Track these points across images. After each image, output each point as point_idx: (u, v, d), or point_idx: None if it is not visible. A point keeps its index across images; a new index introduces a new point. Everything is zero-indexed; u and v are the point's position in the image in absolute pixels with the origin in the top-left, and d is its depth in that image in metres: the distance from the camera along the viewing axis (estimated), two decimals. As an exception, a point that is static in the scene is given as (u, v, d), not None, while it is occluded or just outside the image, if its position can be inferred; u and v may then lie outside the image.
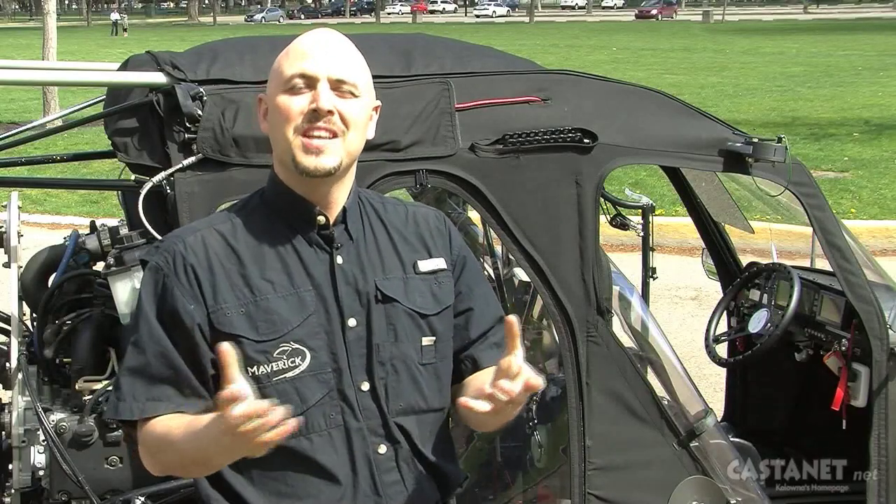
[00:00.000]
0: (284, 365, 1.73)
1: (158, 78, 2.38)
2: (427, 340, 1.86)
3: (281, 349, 1.73)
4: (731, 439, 3.09)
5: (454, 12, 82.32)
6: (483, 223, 3.45)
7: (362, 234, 1.84)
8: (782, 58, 27.93)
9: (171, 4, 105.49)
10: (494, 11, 71.88)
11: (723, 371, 3.93)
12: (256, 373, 1.72)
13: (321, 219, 1.79)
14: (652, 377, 2.82)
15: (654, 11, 63.10)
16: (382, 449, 1.82)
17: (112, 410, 1.75)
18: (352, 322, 1.79)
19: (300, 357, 1.74)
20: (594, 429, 2.65)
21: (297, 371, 1.74)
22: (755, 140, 2.75)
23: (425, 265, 1.88)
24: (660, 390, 2.80)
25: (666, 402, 2.77)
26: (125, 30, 49.84)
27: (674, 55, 30.00)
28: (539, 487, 3.23)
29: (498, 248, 3.75)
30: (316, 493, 1.77)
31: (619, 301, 2.86)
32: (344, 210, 1.81)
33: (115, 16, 53.84)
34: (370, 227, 1.86)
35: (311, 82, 1.74)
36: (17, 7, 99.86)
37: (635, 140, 2.69)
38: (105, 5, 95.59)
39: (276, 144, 1.79)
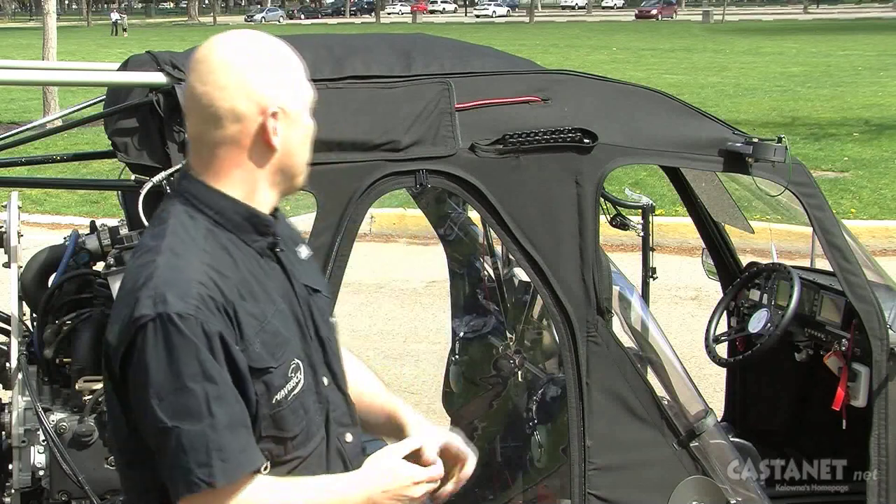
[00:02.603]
0: (293, 383, 1.71)
1: (158, 78, 2.38)
2: (332, 320, 1.94)
3: (290, 368, 1.71)
4: (731, 439, 3.09)
5: (454, 12, 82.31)
6: (483, 223, 3.45)
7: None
8: (782, 58, 27.93)
9: (171, 4, 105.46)
10: (494, 11, 71.89)
11: (723, 371, 3.93)
12: (279, 397, 1.68)
13: (273, 230, 1.78)
14: (652, 377, 2.82)
15: (654, 11, 63.09)
16: (349, 437, 1.85)
17: (222, 476, 1.55)
18: (309, 321, 1.81)
19: (299, 371, 1.72)
20: (594, 429, 2.65)
21: (300, 385, 1.72)
22: (755, 140, 2.75)
23: (304, 251, 1.92)
24: (660, 390, 2.80)
25: (666, 402, 2.77)
26: (125, 30, 49.85)
27: (674, 55, 30.00)
28: (539, 487, 3.23)
29: (498, 248, 3.75)
30: None
31: (619, 301, 2.86)
32: (274, 216, 1.81)
33: (114, 16, 53.83)
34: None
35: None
36: (17, 7, 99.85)
37: (635, 140, 2.69)
38: (105, 5, 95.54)
39: (298, 164, 1.77)
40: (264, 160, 1.72)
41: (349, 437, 1.85)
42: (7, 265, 2.70)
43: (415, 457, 1.82)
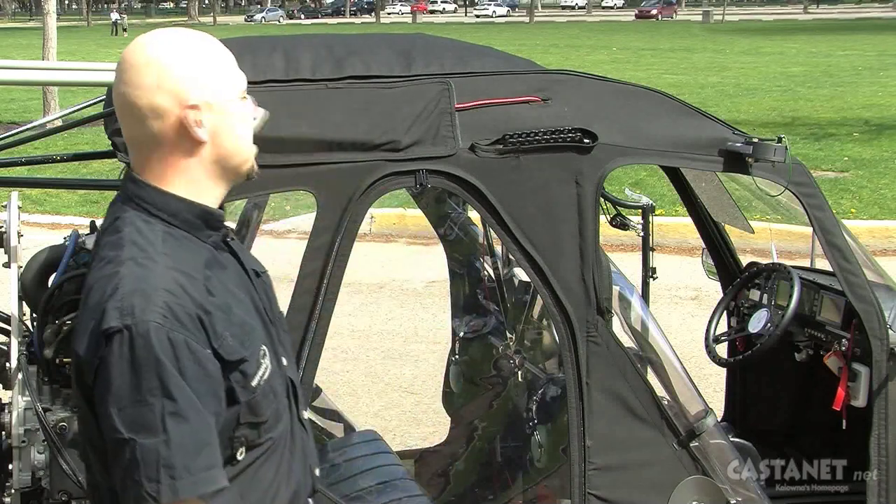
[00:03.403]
0: (263, 368, 1.74)
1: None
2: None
3: (259, 354, 1.74)
4: (731, 439, 3.09)
5: (454, 12, 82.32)
6: (483, 223, 3.45)
7: None
8: (782, 58, 27.93)
9: (171, 4, 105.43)
10: (494, 11, 71.90)
11: (723, 371, 3.93)
12: (253, 384, 1.71)
13: (224, 223, 1.82)
14: (652, 377, 2.82)
15: (654, 11, 63.11)
16: (305, 414, 1.93)
17: (168, 493, 1.56)
18: (264, 305, 1.86)
19: (266, 356, 1.76)
20: (594, 429, 2.65)
21: (269, 370, 1.76)
22: (755, 140, 2.75)
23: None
24: (660, 390, 2.80)
25: (666, 402, 2.77)
26: (125, 30, 49.87)
27: (674, 55, 30.01)
28: (539, 487, 3.23)
29: (498, 248, 3.75)
30: (282, 483, 1.81)
31: (619, 301, 2.86)
32: (222, 206, 1.84)
33: (114, 16, 53.88)
34: None
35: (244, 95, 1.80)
36: (17, 7, 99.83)
37: (635, 140, 2.69)
38: (105, 5, 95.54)
39: (238, 152, 1.77)
40: (195, 154, 1.73)
41: (304, 415, 1.93)
42: (7, 265, 2.70)
43: None
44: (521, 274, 3.58)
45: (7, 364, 2.65)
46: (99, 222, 2.89)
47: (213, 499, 1.62)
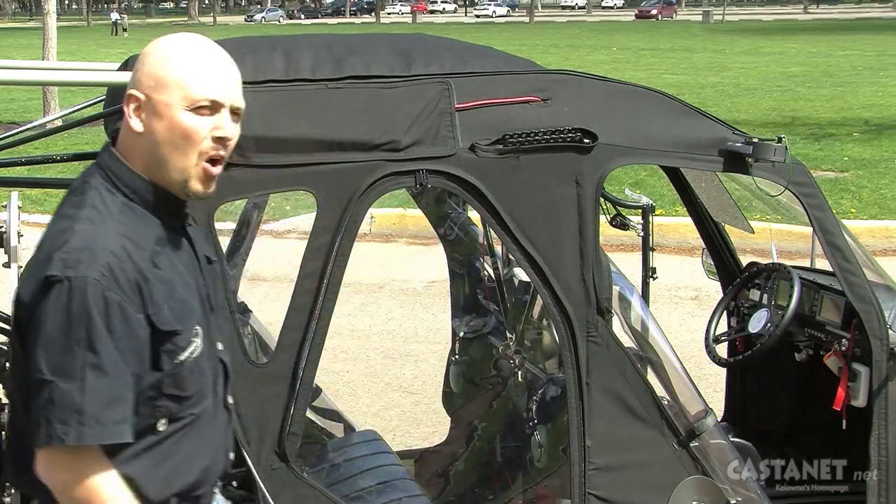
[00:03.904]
0: (194, 346, 1.85)
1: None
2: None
3: (192, 333, 1.86)
4: (731, 439, 3.09)
5: (454, 12, 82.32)
6: (483, 223, 3.45)
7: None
8: (782, 58, 27.93)
9: (171, 4, 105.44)
10: (494, 11, 71.89)
11: (723, 371, 3.93)
12: (182, 358, 1.83)
13: (184, 209, 1.92)
14: (652, 377, 2.82)
15: (654, 11, 63.11)
16: (230, 399, 2.05)
17: (74, 437, 1.69)
18: (208, 290, 1.97)
19: (199, 336, 1.87)
20: (594, 429, 2.65)
21: (199, 350, 1.87)
22: (755, 140, 2.75)
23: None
24: (660, 390, 2.80)
25: (666, 402, 2.77)
26: (125, 30, 49.88)
27: (674, 55, 30.01)
28: (539, 487, 3.23)
29: (498, 248, 3.75)
30: (199, 458, 1.92)
31: (619, 301, 2.86)
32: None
33: (114, 16, 53.87)
34: None
35: (216, 107, 1.83)
36: (17, 7, 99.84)
37: (635, 140, 2.69)
38: (105, 5, 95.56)
39: (166, 159, 1.83)
40: (139, 141, 1.85)
41: (230, 399, 2.04)
42: (7, 265, 2.70)
43: None
44: (521, 274, 3.58)
45: (7, 364, 2.64)
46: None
47: (129, 462, 1.78)
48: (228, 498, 2.31)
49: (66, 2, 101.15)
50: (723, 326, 3.63)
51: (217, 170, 1.88)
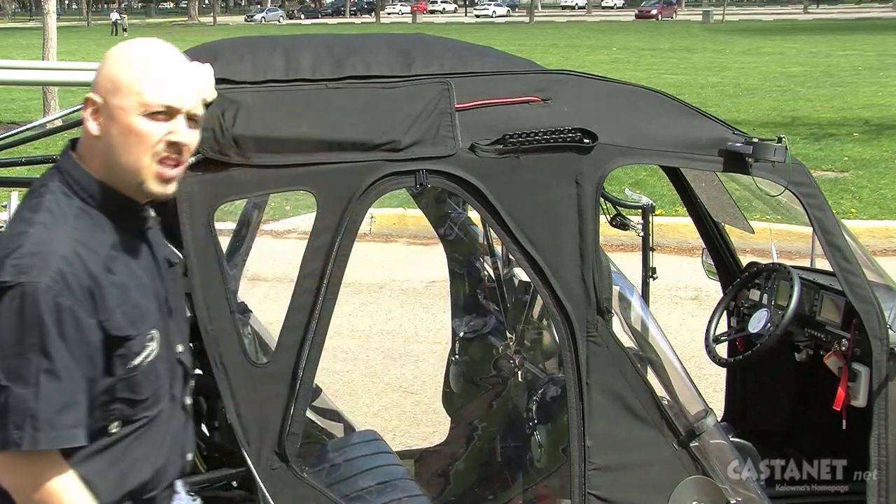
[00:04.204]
0: (149, 350, 1.87)
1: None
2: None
3: (147, 337, 1.87)
4: (731, 439, 3.09)
5: (454, 12, 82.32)
6: (483, 223, 3.45)
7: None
8: (782, 58, 27.93)
9: (171, 4, 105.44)
10: (494, 11, 71.89)
11: (723, 371, 3.93)
12: (135, 363, 1.85)
13: (143, 214, 1.93)
14: (652, 377, 2.81)
15: (654, 11, 63.11)
16: (188, 401, 2.07)
17: (30, 441, 1.71)
18: (167, 294, 1.98)
19: (154, 340, 1.89)
20: (594, 429, 2.65)
21: (154, 354, 1.89)
22: (755, 140, 2.75)
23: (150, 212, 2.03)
24: (660, 390, 2.80)
25: (666, 402, 2.77)
26: (125, 30, 49.88)
27: (674, 55, 30.01)
28: (539, 487, 3.23)
29: (498, 248, 3.75)
30: (153, 459, 1.94)
31: (619, 301, 2.86)
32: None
33: (114, 16, 53.91)
34: None
35: (171, 113, 1.84)
36: (17, 7, 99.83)
37: (635, 140, 2.69)
38: (105, 5, 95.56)
39: (121, 161, 1.84)
40: (97, 144, 1.86)
41: (188, 401, 2.07)
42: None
43: None
44: (521, 274, 3.58)
45: None
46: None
47: (82, 464, 1.80)
48: (212, 497, 2.33)
49: (66, 2, 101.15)
50: (723, 326, 3.63)
51: (174, 172, 1.88)
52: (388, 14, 77.57)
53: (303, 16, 78.82)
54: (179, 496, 2.11)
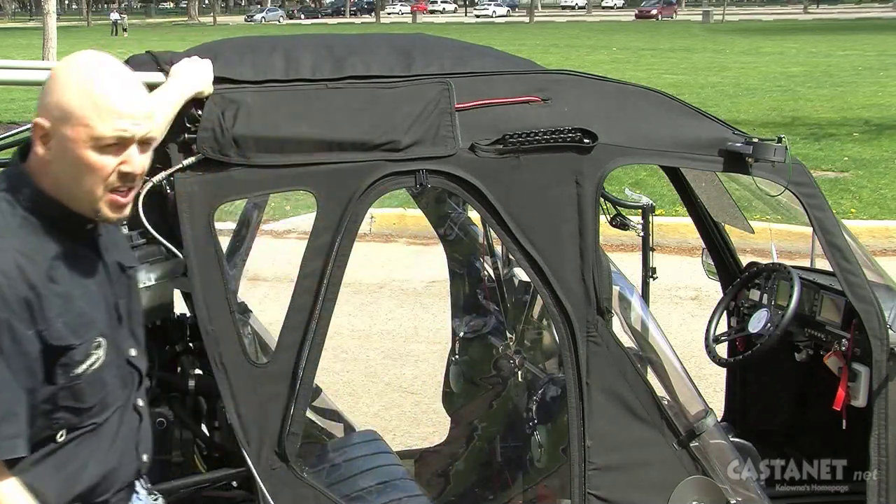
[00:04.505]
0: (94, 359, 1.85)
1: (158, 78, 2.38)
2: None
3: (93, 345, 1.85)
4: (731, 439, 3.09)
5: (454, 12, 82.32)
6: (483, 223, 3.45)
7: None
8: (782, 58, 27.92)
9: (171, 4, 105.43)
10: (494, 11, 71.89)
11: (723, 371, 3.93)
12: (78, 371, 1.82)
13: (90, 224, 1.88)
14: (652, 377, 2.82)
15: (654, 11, 63.11)
16: (140, 402, 2.04)
17: None
18: (120, 300, 1.95)
19: (101, 348, 1.87)
20: (594, 429, 2.65)
21: (100, 361, 1.87)
22: (755, 140, 2.75)
23: None
24: (660, 390, 2.80)
25: (666, 402, 2.77)
26: (125, 30, 49.88)
27: (674, 55, 30.00)
28: (539, 487, 3.23)
29: (498, 248, 3.75)
30: (103, 462, 1.92)
31: (619, 301, 2.86)
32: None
33: (114, 16, 53.88)
34: None
35: (124, 143, 1.80)
36: (17, 7, 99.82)
37: (635, 140, 2.69)
38: (105, 5, 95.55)
39: (72, 189, 1.81)
40: (44, 165, 1.81)
41: (140, 402, 2.04)
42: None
43: None
44: (521, 274, 3.58)
45: None
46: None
47: (27, 471, 1.79)
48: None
49: (66, 2, 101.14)
50: (723, 326, 3.63)
51: (127, 199, 1.84)
52: (388, 14, 77.56)
53: (303, 16, 78.81)
54: (139, 496, 2.09)
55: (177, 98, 2.29)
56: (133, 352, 2.00)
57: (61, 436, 1.85)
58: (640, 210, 3.59)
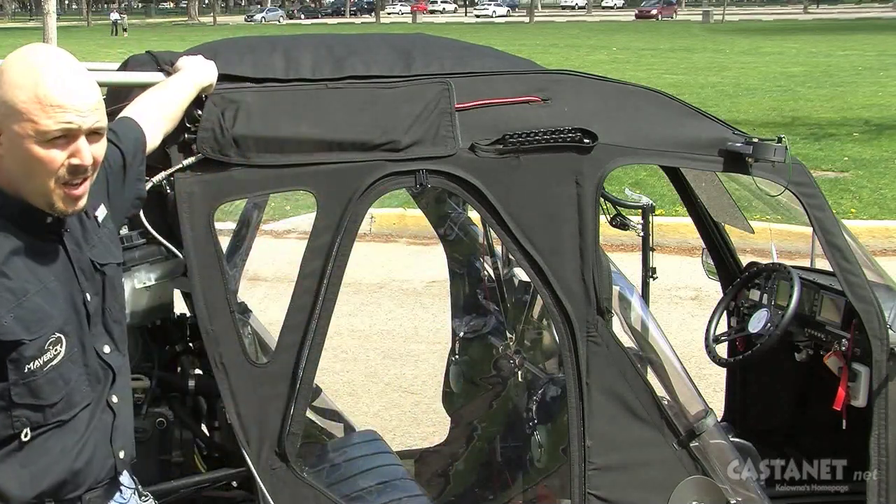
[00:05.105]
0: (51, 355, 1.83)
1: (158, 78, 2.38)
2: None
3: (49, 341, 1.83)
4: (731, 439, 3.09)
5: (454, 12, 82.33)
6: (483, 223, 3.45)
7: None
8: (782, 58, 27.92)
9: (171, 4, 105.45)
10: (494, 11, 71.91)
11: (723, 371, 3.93)
12: (32, 367, 1.81)
13: (50, 219, 1.87)
14: (652, 377, 2.82)
15: (654, 11, 63.12)
16: (115, 399, 2.00)
17: None
18: (89, 297, 1.93)
19: (60, 345, 1.85)
20: (594, 429, 2.65)
21: (59, 358, 1.85)
22: (755, 140, 2.75)
23: (101, 211, 2.03)
24: (660, 390, 2.80)
25: (666, 402, 2.77)
26: (125, 30, 49.89)
27: (674, 55, 30.00)
28: (539, 487, 3.23)
29: (498, 248, 3.75)
30: (70, 458, 1.90)
31: (619, 301, 2.86)
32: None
33: (114, 16, 53.88)
34: None
35: (71, 136, 1.79)
36: (17, 7, 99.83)
37: (635, 140, 2.69)
38: (105, 5, 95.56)
39: (24, 184, 1.80)
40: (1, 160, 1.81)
41: (115, 399, 2.00)
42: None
43: None
44: (521, 274, 3.58)
45: None
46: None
47: None
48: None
49: (66, 2, 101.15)
50: (723, 326, 3.63)
51: (81, 190, 1.83)
52: (388, 14, 77.57)
53: (303, 16, 78.83)
54: (122, 495, 2.06)
55: (190, 89, 2.30)
56: (107, 349, 1.97)
57: (26, 435, 1.83)
58: (640, 210, 3.59)
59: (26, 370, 1.80)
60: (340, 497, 2.65)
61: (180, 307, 2.90)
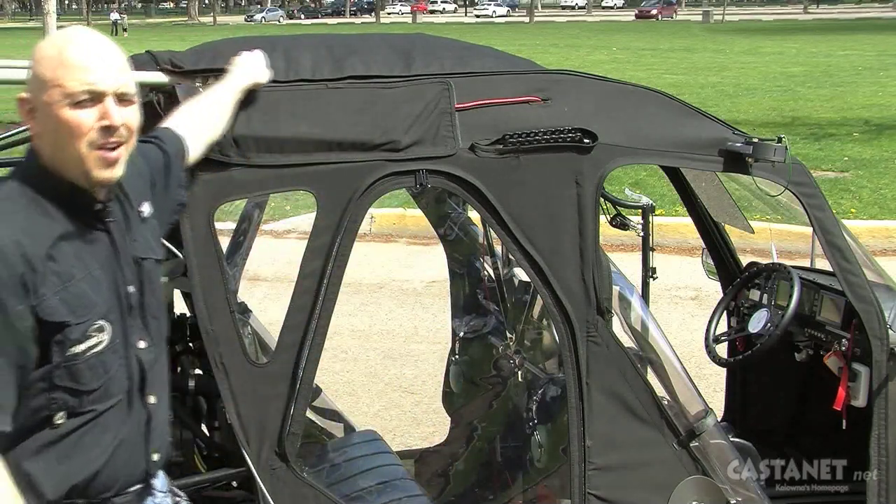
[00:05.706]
0: (94, 341, 1.86)
1: (159, 78, 2.38)
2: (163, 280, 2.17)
3: (92, 327, 1.85)
4: (731, 439, 3.09)
5: (454, 12, 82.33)
6: (483, 223, 3.45)
7: (117, 204, 1.97)
8: (782, 58, 27.92)
9: (171, 4, 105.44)
10: (494, 11, 71.91)
11: (723, 371, 3.93)
12: (75, 351, 1.83)
13: (98, 205, 1.90)
14: (652, 377, 2.82)
15: (654, 11, 63.13)
16: (153, 399, 2.01)
17: None
18: (130, 289, 1.95)
19: (104, 332, 1.87)
20: (594, 429, 2.65)
21: (102, 345, 1.87)
22: (755, 140, 2.75)
23: (146, 209, 2.06)
24: (660, 390, 2.80)
25: (666, 402, 2.77)
26: (125, 30, 49.92)
27: (674, 55, 30.00)
28: (539, 487, 3.23)
29: (498, 248, 3.75)
30: (104, 457, 1.91)
31: (619, 301, 2.86)
32: (107, 188, 1.93)
33: (114, 16, 53.93)
34: (117, 193, 1.98)
35: (97, 97, 1.83)
36: (17, 7, 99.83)
37: (635, 140, 2.69)
38: (105, 5, 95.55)
39: (61, 155, 1.85)
40: (38, 139, 1.88)
41: (152, 400, 2.01)
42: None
43: None
44: (521, 274, 3.58)
45: None
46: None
47: (29, 459, 1.81)
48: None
49: (66, 2, 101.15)
50: (723, 326, 3.63)
51: (116, 154, 1.86)
52: (388, 14, 77.57)
53: (303, 16, 78.82)
54: (154, 499, 2.05)
55: (230, 96, 2.32)
56: (142, 343, 1.98)
57: (61, 418, 1.84)
58: (640, 210, 3.59)
59: (69, 353, 1.83)
60: (340, 497, 2.65)
61: (180, 307, 2.91)
